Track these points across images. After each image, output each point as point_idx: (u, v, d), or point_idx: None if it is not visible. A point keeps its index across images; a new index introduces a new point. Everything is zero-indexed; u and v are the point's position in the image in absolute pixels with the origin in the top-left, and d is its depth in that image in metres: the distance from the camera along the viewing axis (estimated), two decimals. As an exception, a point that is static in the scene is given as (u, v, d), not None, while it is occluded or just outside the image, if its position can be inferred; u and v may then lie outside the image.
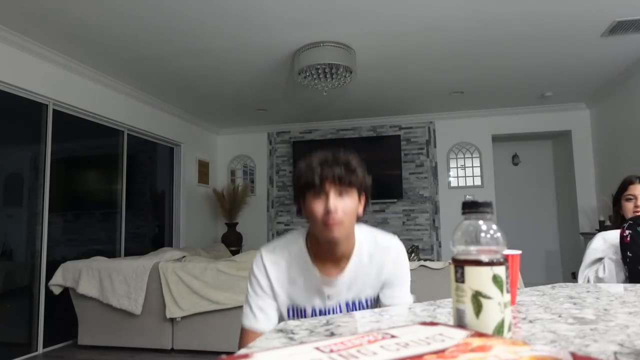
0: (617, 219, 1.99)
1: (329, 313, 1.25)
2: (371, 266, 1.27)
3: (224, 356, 0.38)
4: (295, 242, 1.28)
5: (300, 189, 1.18)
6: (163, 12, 3.13)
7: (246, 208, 6.40)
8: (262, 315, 1.25)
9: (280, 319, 1.28)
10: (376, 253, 1.27)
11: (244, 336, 1.26)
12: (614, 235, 1.82)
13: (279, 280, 1.25)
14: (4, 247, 3.59)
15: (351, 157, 1.19)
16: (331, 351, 0.38)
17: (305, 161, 1.19)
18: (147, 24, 3.30)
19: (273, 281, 1.25)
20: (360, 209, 1.21)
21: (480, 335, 0.41)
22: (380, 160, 5.90)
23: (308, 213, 1.18)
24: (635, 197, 1.86)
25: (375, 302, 1.29)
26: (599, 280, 1.79)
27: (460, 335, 0.41)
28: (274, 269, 1.25)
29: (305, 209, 1.19)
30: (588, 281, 1.83)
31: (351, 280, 1.25)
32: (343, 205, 1.14)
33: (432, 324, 0.44)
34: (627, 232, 1.70)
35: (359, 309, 1.27)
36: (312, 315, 1.24)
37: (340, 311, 1.26)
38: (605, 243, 1.85)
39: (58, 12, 3.07)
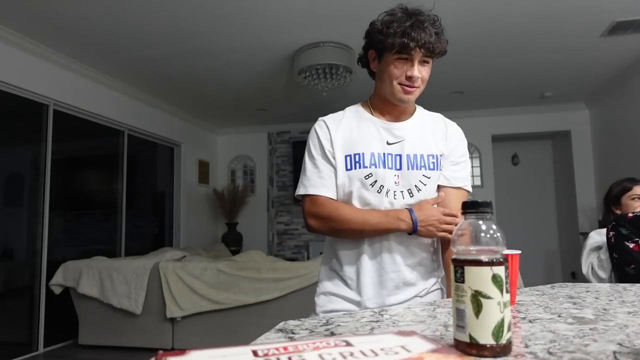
0: (610, 220, 2.00)
1: (388, 160, 1.22)
2: (435, 126, 1.29)
3: (160, 352, 0.38)
4: (350, 107, 1.33)
5: (384, 46, 1.16)
6: (163, 12, 3.13)
7: (246, 208, 6.40)
8: (330, 180, 1.23)
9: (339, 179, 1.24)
10: (440, 120, 1.32)
11: (317, 202, 1.22)
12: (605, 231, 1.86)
13: (337, 131, 1.25)
14: (4, 247, 3.59)
15: (438, 22, 1.18)
16: (265, 355, 0.37)
17: (394, 17, 1.16)
18: (148, 24, 3.30)
19: (332, 134, 1.25)
20: None
21: (445, 351, 0.39)
22: (380, 160, 5.89)
23: (385, 72, 1.19)
24: None
25: (440, 165, 1.25)
26: (601, 262, 1.81)
27: (422, 348, 0.38)
28: (333, 124, 1.27)
29: (382, 67, 1.20)
30: (592, 268, 1.84)
31: (415, 132, 1.25)
32: (424, 74, 1.19)
33: (410, 333, 0.42)
34: (612, 233, 1.70)
35: (422, 165, 1.22)
36: (370, 162, 1.20)
37: (400, 163, 1.22)
38: (601, 235, 1.91)
39: (58, 12, 3.08)
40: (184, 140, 5.82)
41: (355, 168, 1.21)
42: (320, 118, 1.32)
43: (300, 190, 1.25)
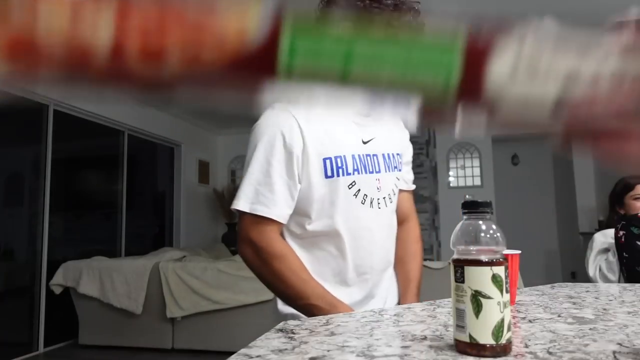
0: (614, 220, 1.99)
1: (368, 162, 1.01)
2: (393, 124, 1.12)
3: None
4: None
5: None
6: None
7: (246, 208, 6.39)
8: (284, 197, 0.94)
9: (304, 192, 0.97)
10: (395, 119, 1.15)
11: (256, 226, 0.94)
12: (611, 232, 1.85)
13: (309, 124, 0.95)
14: (4, 247, 3.59)
15: None
16: None
17: None
18: (148, 24, 3.30)
19: (303, 127, 0.94)
20: None
21: None
22: (380, 160, 5.89)
23: None
24: None
25: (402, 164, 1.12)
26: (609, 264, 1.81)
27: None
28: (300, 113, 0.95)
29: None
30: (600, 270, 1.84)
31: (382, 128, 1.06)
32: None
33: None
34: (622, 232, 1.71)
35: (395, 165, 1.07)
36: (353, 167, 0.98)
37: (379, 164, 1.03)
38: (606, 237, 1.90)
39: (58, 12, 3.08)
40: (184, 140, 5.82)
41: (337, 175, 0.97)
42: (279, 103, 0.96)
43: (241, 204, 0.95)
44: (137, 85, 0.35)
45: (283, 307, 1.04)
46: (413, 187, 1.21)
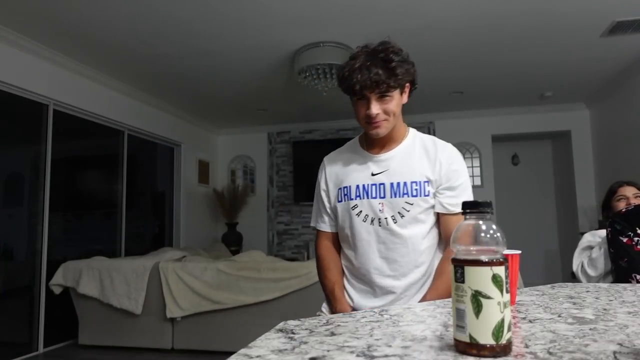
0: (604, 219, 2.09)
1: (372, 190, 1.32)
2: (424, 151, 1.33)
3: None
4: (354, 139, 1.47)
5: (346, 91, 1.27)
6: (163, 13, 3.13)
7: (246, 208, 6.40)
8: (326, 216, 1.45)
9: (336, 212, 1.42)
10: (431, 145, 1.34)
11: (317, 236, 1.49)
12: (601, 231, 1.96)
13: (332, 167, 1.43)
14: (4, 247, 3.59)
15: (391, 55, 1.20)
16: None
17: (349, 63, 1.24)
18: (148, 24, 3.30)
19: (327, 171, 1.44)
20: (405, 98, 1.29)
21: None
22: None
23: (355, 113, 1.30)
24: (627, 197, 1.96)
25: (424, 191, 1.28)
26: (591, 261, 1.91)
27: None
28: (330, 162, 1.46)
29: (353, 109, 1.30)
30: (582, 267, 1.94)
31: (399, 160, 1.32)
32: (384, 107, 1.23)
33: None
34: (608, 229, 1.82)
35: (404, 192, 1.29)
36: (356, 194, 1.33)
37: (384, 191, 1.30)
38: (594, 236, 2.01)
39: (58, 12, 3.08)
40: (184, 140, 5.82)
41: (344, 200, 1.36)
42: (326, 156, 1.50)
43: (312, 222, 1.52)
44: None
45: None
46: (455, 209, 1.27)
